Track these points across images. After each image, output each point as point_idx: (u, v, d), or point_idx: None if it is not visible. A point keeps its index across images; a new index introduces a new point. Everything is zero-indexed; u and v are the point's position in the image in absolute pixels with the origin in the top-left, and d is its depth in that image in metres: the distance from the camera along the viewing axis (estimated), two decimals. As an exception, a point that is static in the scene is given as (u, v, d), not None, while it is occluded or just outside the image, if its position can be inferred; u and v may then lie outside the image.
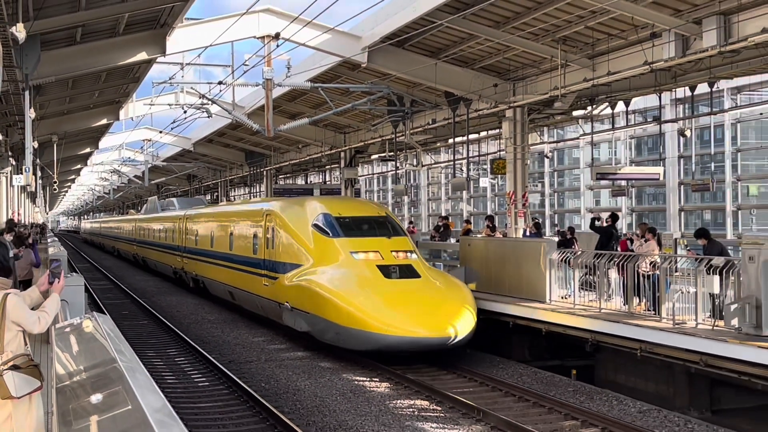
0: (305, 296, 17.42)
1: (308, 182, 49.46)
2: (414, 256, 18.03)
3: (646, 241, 16.41)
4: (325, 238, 18.18)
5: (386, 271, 16.86)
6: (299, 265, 18.34)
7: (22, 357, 5.38)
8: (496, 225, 25.80)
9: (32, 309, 5.64)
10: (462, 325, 15.58)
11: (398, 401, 13.54)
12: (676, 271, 15.44)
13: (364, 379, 15.24)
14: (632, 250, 16.66)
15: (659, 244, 16.95)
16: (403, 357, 16.12)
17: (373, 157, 41.29)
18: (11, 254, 8.99)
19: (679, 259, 16.91)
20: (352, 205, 21.12)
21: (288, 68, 25.30)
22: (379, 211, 20.33)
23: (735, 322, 12.76)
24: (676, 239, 23.05)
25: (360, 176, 42.96)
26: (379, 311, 15.57)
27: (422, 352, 16.03)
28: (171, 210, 39.72)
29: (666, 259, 15.56)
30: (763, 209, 29.57)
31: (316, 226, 18.52)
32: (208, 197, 60.40)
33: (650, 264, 15.37)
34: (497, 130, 30.38)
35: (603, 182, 29.50)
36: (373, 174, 49.14)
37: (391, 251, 17.64)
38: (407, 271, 17.13)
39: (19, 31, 13.36)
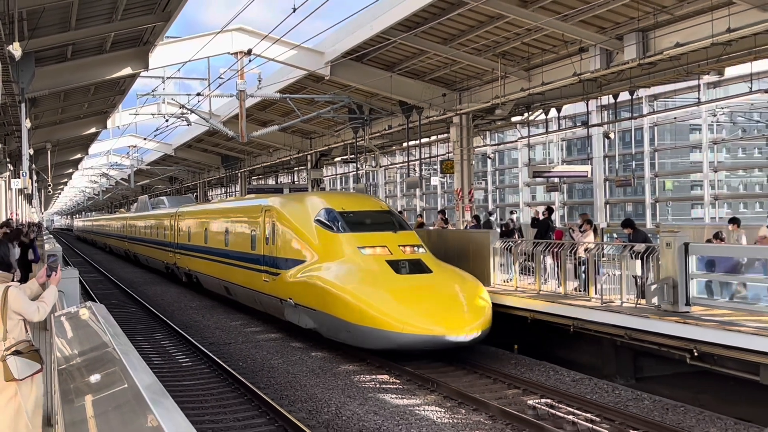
0: (312, 292, 15.38)
1: (278, 182, 49.25)
2: (422, 250, 15.93)
3: (583, 231, 16.58)
4: (330, 234, 16.06)
5: (396, 266, 14.75)
6: (303, 260, 16.30)
7: (23, 343, 5.38)
8: (447, 218, 25.89)
9: (32, 300, 5.61)
10: (480, 321, 13.56)
11: (361, 376, 13.56)
12: (603, 257, 15.60)
13: (331, 356, 15.22)
14: (572, 238, 16.87)
15: (595, 232, 17.19)
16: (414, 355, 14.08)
17: (336, 159, 41.23)
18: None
19: (606, 245, 17.09)
20: (353, 200, 18.65)
21: (259, 81, 25.33)
22: (381, 206, 18.43)
23: (655, 300, 12.93)
24: (602, 228, 23.33)
25: (325, 177, 43.02)
26: (395, 309, 13.51)
27: (439, 351, 14.03)
28: (162, 208, 37.61)
29: (596, 245, 15.72)
30: (677, 202, 30.00)
31: (319, 221, 16.37)
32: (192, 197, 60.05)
33: (586, 251, 15.52)
34: (446, 135, 30.48)
35: (538, 179, 29.69)
36: (337, 174, 49.04)
37: (399, 246, 15.55)
38: (417, 266, 15.02)
39: (15, 49, 13.30)
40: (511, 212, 25.18)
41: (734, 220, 16.30)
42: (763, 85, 22.47)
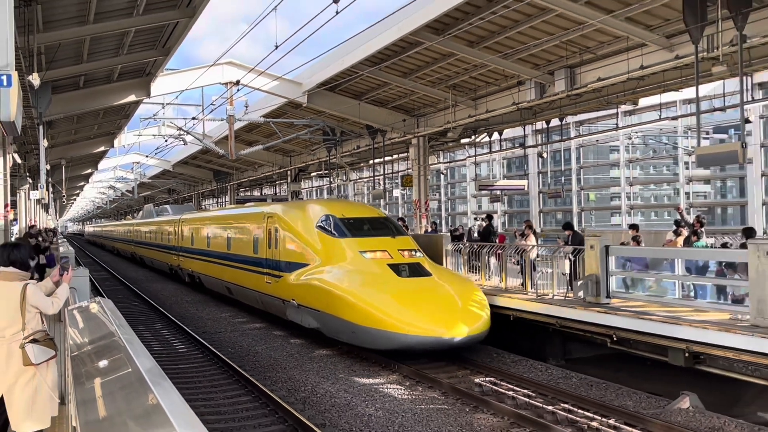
0: (315, 294, 14.12)
1: (262, 194, 48.98)
2: (419, 254, 14.73)
3: (524, 236, 16.74)
4: (332, 238, 14.79)
5: (397, 269, 13.56)
6: (306, 264, 15.03)
7: (40, 332, 5.37)
8: (407, 225, 25.96)
9: (47, 296, 5.60)
10: (480, 322, 12.40)
11: (334, 360, 13.54)
12: (537, 257, 15.74)
13: (307, 343, 15.17)
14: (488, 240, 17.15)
15: (535, 236, 17.38)
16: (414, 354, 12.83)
17: (312, 174, 41.24)
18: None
19: (541, 247, 17.24)
20: (352, 208, 17.41)
21: (246, 107, 25.24)
22: (378, 212, 17.14)
23: (581, 293, 13.08)
24: (537, 233, 23.49)
25: (302, 189, 42.86)
26: (399, 311, 12.25)
27: (441, 351, 12.73)
28: (166, 215, 36.38)
29: (532, 247, 15.84)
30: (599, 211, 30.33)
31: (320, 227, 15.15)
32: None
33: (524, 252, 15.64)
34: (405, 154, 30.58)
35: (483, 192, 29.89)
36: (313, 187, 48.92)
37: (398, 250, 14.39)
38: (417, 270, 13.82)
39: (35, 79, 13.20)
40: (475, 218, 25.25)
41: (633, 226, 16.72)
42: (670, 113, 22.86)
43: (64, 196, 44.43)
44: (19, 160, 23.34)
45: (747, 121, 16.82)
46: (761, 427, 9.02)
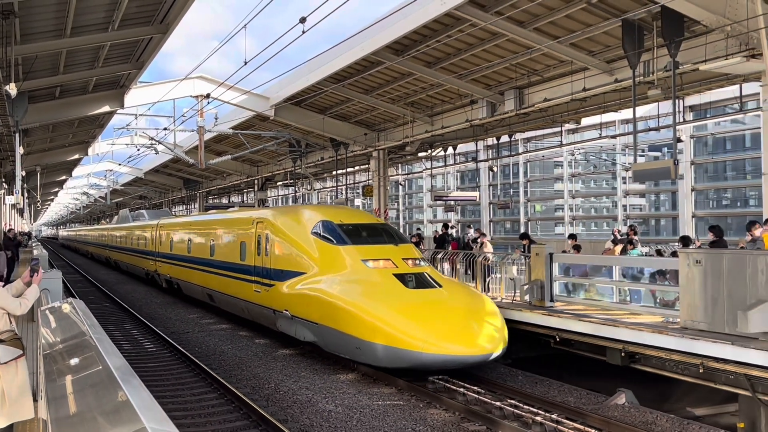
0: (314, 306, 12.25)
1: (230, 201, 48.53)
2: (424, 263, 12.85)
3: (477, 241, 16.88)
4: (330, 246, 12.83)
5: (403, 280, 11.65)
6: (301, 272, 13.07)
7: (7, 333, 5.27)
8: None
9: (16, 297, 5.49)
10: (498, 339, 10.68)
11: (296, 358, 13.44)
12: (487, 261, 15.85)
13: (271, 343, 15.01)
14: (471, 248, 17.20)
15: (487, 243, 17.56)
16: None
17: (279, 183, 41.00)
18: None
19: (490, 254, 17.38)
20: (349, 213, 14.76)
21: (216, 119, 24.98)
22: (376, 219, 15.21)
23: (527, 297, 13.21)
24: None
25: (269, 197, 42.57)
26: (412, 326, 10.45)
27: (458, 370, 10.96)
28: (142, 220, 33.96)
29: (484, 254, 15.95)
30: (544, 221, 30.73)
31: (317, 233, 13.20)
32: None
33: (482, 258, 15.75)
34: (366, 165, 30.58)
35: (438, 202, 30.06)
36: (279, 196, 48.62)
37: (402, 259, 12.42)
38: (425, 281, 11.86)
39: (12, 89, 12.92)
40: (451, 227, 25.24)
41: (572, 236, 17.01)
42: (610, 132, 23.28)
43: (38, 201, 43.62)
44: (-5, 167, 22.83)
45: (679, 140, 17.21)
46: (690, 421, 9.19)
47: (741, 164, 25.13)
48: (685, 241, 13.54)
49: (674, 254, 12.47)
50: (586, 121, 22.50)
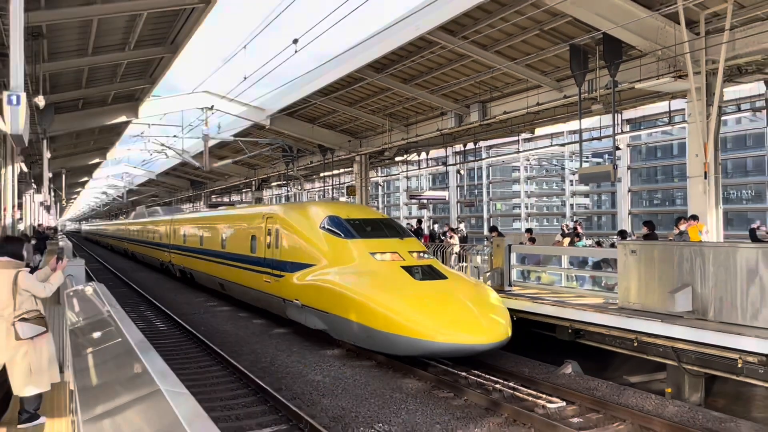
0: (325, 296, 11.30)
1: (230, 200, 48.19)
2: (428, 256, 11.82)
3: (450, 237, 16.94)
4: (338, 239, 11.85)
5: (411, 272, 10.72)
6: (310, 264, 12.15)
7: (33, 312, 5.20)
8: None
9: (43, 281, 5.44)
10: (503, 328, 9.67)
11: (289, 336, 13.39)
12: (453, 253, 15.91)
13: (267, 324, 14.94)
14: (442, 241, 17.25)
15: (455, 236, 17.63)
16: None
17: (273, 184, 40.80)
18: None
19: (456, 245, 17.46)
20: (354, 209, 13.75)
21: (218, 127, 24.86)
22: (381, 214, 14.00)
23: (489, 283, 13.29)
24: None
25: (264, 196, 42.34)
26: (423, 316, 9.56)
27: (466, 357, 10.08)
28: (157, 216, 32.35)
29: (452, 246, 16.02)
30: (504, 217, 30.89)
31: (325, 228, 12.24)
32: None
33: (447, 249, 15.80)
34: (350, 168, 30.56)
35: (413, 200, 30.12)
36: (273, 195, 48.36)
37: (408, 252, 11.46)
38: (432, 272, 10.89)
39: (40, 101, 12.74)
40: (425, 222, 25.19)
41: (528, 230, 17.13)
42: (559, 141, 23.47)
43: (63, 199, 42.95)
44: (25, 169, 22.55)
45: (617, 148, 17.43)
46: (626, 387, 9.32)
47: (669, 169, 25.48)
48: (623, 234, 13.74)
49: (613, 245, 12.64)
50: (539, 131, 22.69)
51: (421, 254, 11.60)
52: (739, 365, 8.12)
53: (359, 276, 10.95)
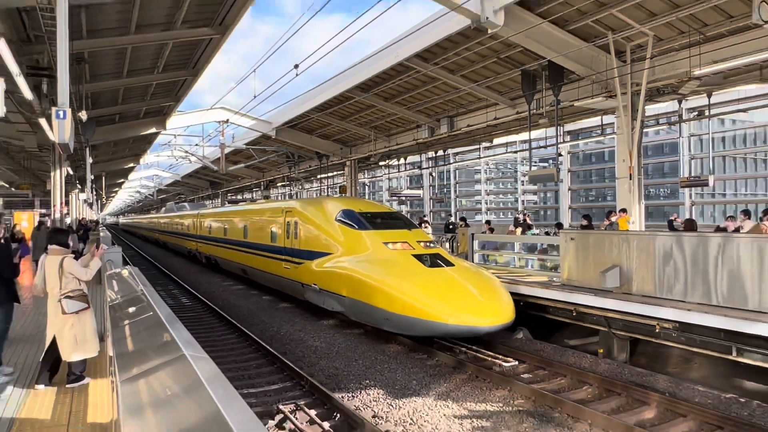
0: (343, 281, 10.31)
1: (243, 197, 47.79)
2: (434, 245, 10.87)
3: (421, 225, 16.90)
4: (353, 230, 10.92)
5: (421, 260, 9.83)
6: (327, 253, 11.27)
7: (76, 291, 5.15)
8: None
9: (84, 267, 5.37)
10: (507, 311, 8.78)
11: (292, 310, 13.36)
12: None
13: (274, 300, 14.88)
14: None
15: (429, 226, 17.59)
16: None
17: (278, 184, 40.54)
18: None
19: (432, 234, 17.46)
20: (365, 203, 12.58)
21: (233, 138, 24.67)
22: (389, 208, 12.83)
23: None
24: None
25: (271, 194, 42.03)
26: (436, 301, 8.67)
27: (473, 338, 9.30)
28: (185, 210, 31.64)
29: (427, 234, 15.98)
30: (468, 211, 31.00)
31: (340, 220, 11.33)
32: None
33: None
34: (342, 171, 30.46)
35: (394, 198, 30.14)
36: (279, 193, 48.04)
37: (417, 242, 10.59)
38: (440, 260, 9.95)
39: (83, 115, 12.57)
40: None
41: (488, 222, 17.22)
42: (513, 149, 23.57)
43: (103, 197, 42.38)
44: (71, 172, 22.17)
45: (559, 154, 17.54)
46: (566, 349, 9.41)
47: (602, 172, 25.74)
48: (559, 225, 13.83)
49: (556, 234, 12.72)
50: (497, 141, 22.78)
51: (428, 244, 10.77)
52: (657, 330, 8.24)
53: (376, 264, 9.96)
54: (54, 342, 5.12)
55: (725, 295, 7.93)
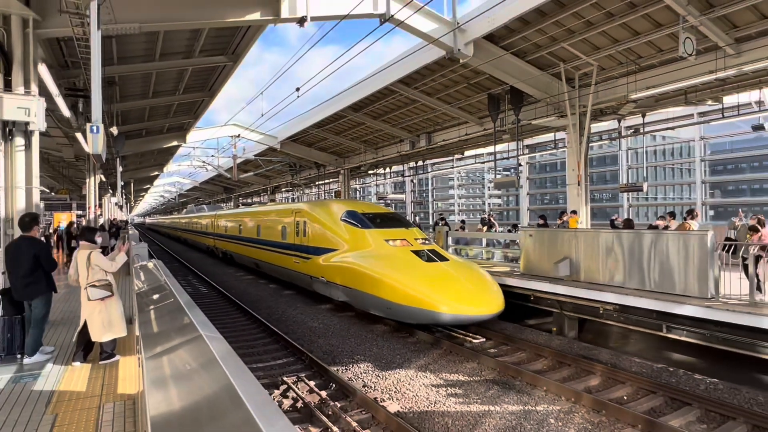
0: (348, 274, 9.84)
1: (252, 200, 47.42)
2: (430, 242, 10.37)
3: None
4: (357, 229, 10.43)
5: (419, 255, 9.36)
6: (333, 249, 10.78)
7: (101, 281, 5.04)
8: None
9: (112, 261, 5.27)
10: (498, 301, 8.33)
11: (294, 296, 13.22)
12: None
13: (278, 288, 14.70)
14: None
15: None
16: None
17: (283, 190, 40.28)
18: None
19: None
20: (366, 205, 11.89)
21: (244, 150, 24.44)
22: (388, 209, 11.93)
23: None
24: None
25: (276, 198, 41.76)
26: (434, 292, 8.18)
27: (468, 325, 8.81)
28: (203, 212, 31.66)
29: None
30: (444, 212, 31.07)
31: (345, 220, 10.82)
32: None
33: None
34: (337, 179, 30.34)
35: (381, 201, 30.12)
36: (283, 197, 47.70)
37: (415, 239, 10.11)
38: (436, 256, 9.47)
39: (114, 130, 12.36)
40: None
41: (462, 221, 17.17)
42: (481, 160, 23.67)
43: (132, 200, 41.75)
44: (104, 179, 21.85)
45: (520, 165, 17.63)
46: (525, 327, 9.45)
47: (555, 179, 25.94)
48: (515, 226, 13.85)
49: (510, 231, 12.76)
50: (468, 153, 22.88)
51: (424, 240, 10.29)
52: (601, 312, 8.32)
53: (378, 259, 9.47)
54: (86, 325, 5.04)
55: (657, 282, 8.04)
